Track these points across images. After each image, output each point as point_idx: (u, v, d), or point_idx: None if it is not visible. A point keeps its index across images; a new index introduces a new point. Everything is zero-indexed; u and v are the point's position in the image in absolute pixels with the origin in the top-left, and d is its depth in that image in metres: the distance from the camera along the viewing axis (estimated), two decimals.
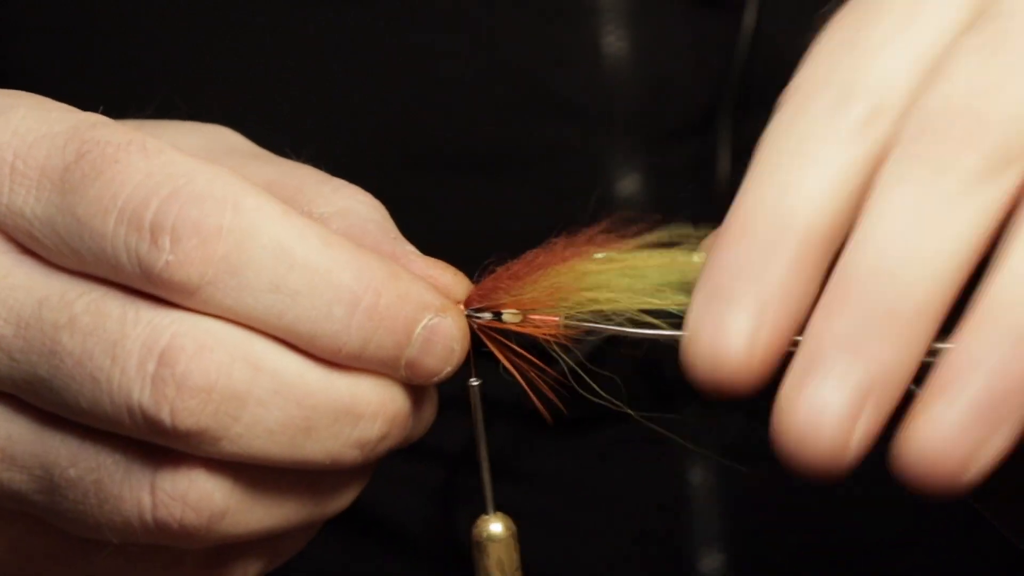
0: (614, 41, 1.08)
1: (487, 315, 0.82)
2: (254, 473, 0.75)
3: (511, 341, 0.83)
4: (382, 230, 0.82)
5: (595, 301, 0.81)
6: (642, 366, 1.08)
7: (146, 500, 0.74)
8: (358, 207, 0.83)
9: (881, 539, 1.11)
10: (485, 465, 0.83)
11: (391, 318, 0.74)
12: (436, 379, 0.77)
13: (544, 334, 0.82)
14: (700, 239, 0.81)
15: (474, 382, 0.83)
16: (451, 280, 0.81)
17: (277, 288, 0.72)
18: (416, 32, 1.09)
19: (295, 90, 1.11)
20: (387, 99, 1.10)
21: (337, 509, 0.80)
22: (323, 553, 1.15)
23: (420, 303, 0.75)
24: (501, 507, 1.08)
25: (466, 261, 0.84)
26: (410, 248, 0.82)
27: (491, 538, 0.83)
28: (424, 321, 0.75)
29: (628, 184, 1.09)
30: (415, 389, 0.78)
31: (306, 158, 1.08)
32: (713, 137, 1.07)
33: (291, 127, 1.10)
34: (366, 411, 0.75)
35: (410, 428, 0.78)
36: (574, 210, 0.86)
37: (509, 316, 0.82)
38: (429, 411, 0.80)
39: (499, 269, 0.83)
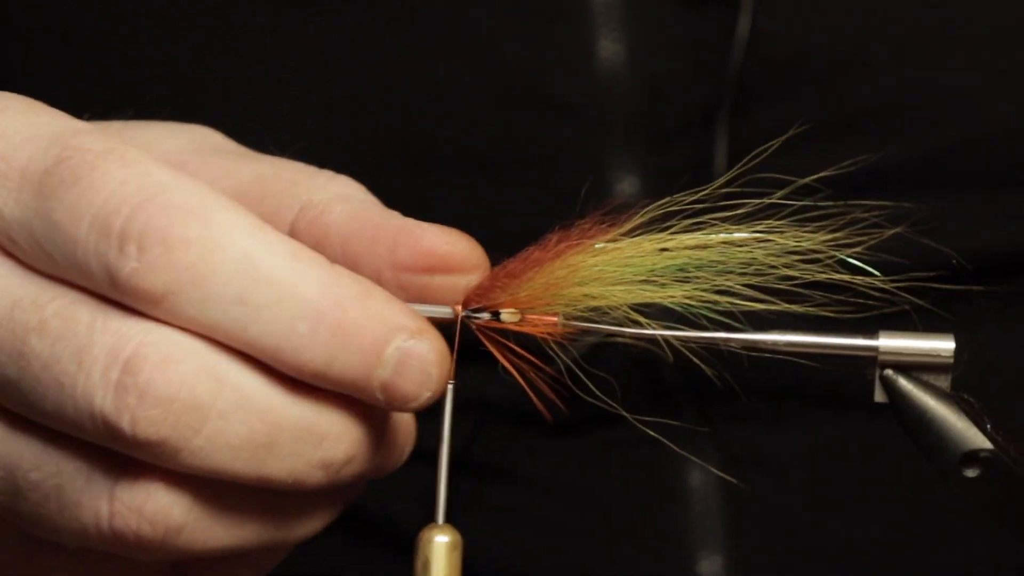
0: (609, 44, 1.08)
1: (485, 315, 0.82)
2: (215, 491, 0.75)
3: (509, 341, 0.83)
4: (383, 209, 0.82)
5: (591, 296, 0.81)
6: (639, 367, 1.09)
7: (103, 509, 0.74)
8: (355, 192, 0.83)
9: (880, 541, 1.11)
10: (444, 469, 0.82)
11: (358, 336, 0.73)
12: (415, 405, 0.75)
13: (542, 333, 0.82)
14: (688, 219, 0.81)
15: (450, 384, 0.82)
16: (466, 247, 0.81)
17: (242, 301, 0.72)
18: (414, 35, 1.09)
19: (295, 91, 1.11)
20: (386, 101, 1.10)
21: (301, 536, 0.79)
22: (318, 554, 1.15)
23: (393, 324, 0.74)
24: (496, 511, 1.08)
25: None
26: (417, 221, 0.82)
27: (431, 548, 0.81)
28: (396, 342, 0.74)
29: (626, 185, 1.09)
30: (387, 415, 0.77)
31: (301, 156, 1.09)
32: (711, 136, 1.07)
33: (291, 127, 1.10)
34: (330, 431, 0.75)
35: (381, 456, 0.78)
36: (572, 212, 0.86)
37: (507, 315, 0.82)
38: (404, 439, 0.79)
39: (495, 268, 0.83)
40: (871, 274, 0.84)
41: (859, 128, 1.07)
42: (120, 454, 0.73)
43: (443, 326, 0.81)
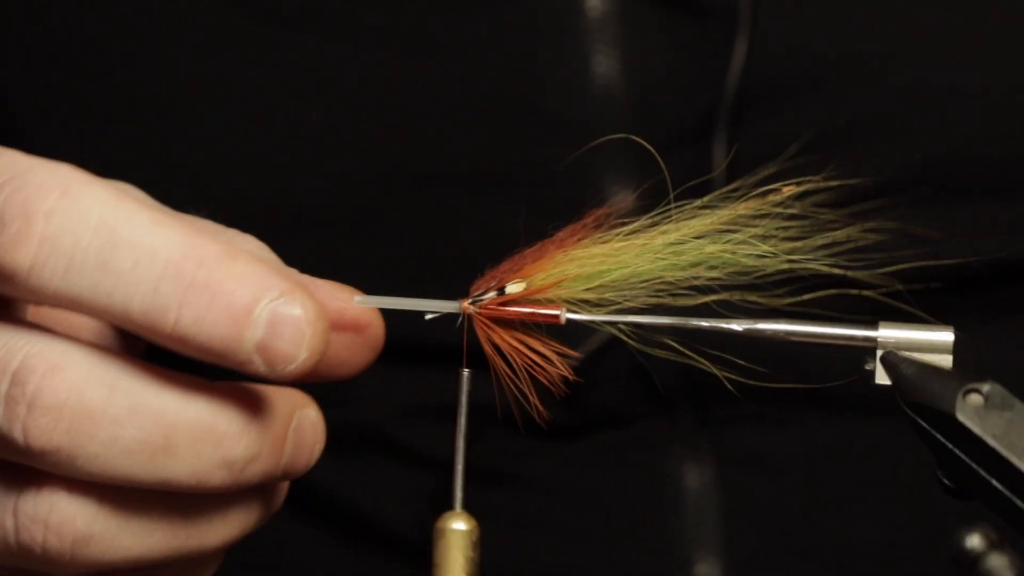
0: (604, 60, 1.09)
1: (491, 294, 0.83)
2: (121, 498, 0.75)
3: (511, 340, 0.83)
4: (280, 268, 0.83)
5: (596, 274, 0.82)
6: (637, 369, 1.09)
7: (9, 522, 0.75)
8: (256, 250, 0.84)
9: (878, 543, 1.11)
10: (461, 455, 0.82)
11: (225, 295, 0.73)
12: (293, 367, 0.74)
13: (546, 318, 0.82)
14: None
15: (465, 371, 0.82)
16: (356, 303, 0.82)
17: (104, 266, 0.72)
18: (410, 51, 1.10)
19: (293, 108, 1.12)
20: (380, 116, 1.10)
21: (216, 543, 0.79)
22: (316, 556, 1.15)
23: (260, 284, 0.74)
24: (494, 514, 1.08)
25: (460, 279, 0.85)
26: (312, 279, 0.83)
27: (451, 534, 0.82)
28: (265, 301, 0.73)
29: (621, 200, 1.09)
30: (290, 411, 0.77)
31: (302, 178, 1.10)
32: (706, 150, 1.08)
33: (289, 144, 1.11)
34: (229, 429, 0.74)
35: (288, 453, 0.77)
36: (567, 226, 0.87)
37: (513, 287, 0.82)
38: (312, 436, 0.78)
39: (500, 263, 0.83)
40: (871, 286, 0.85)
41: (858, 138, 1.08)
42: (23, 467, 0.74)
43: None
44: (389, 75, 1.10)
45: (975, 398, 0.78)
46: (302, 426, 0.77)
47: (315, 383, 0.87)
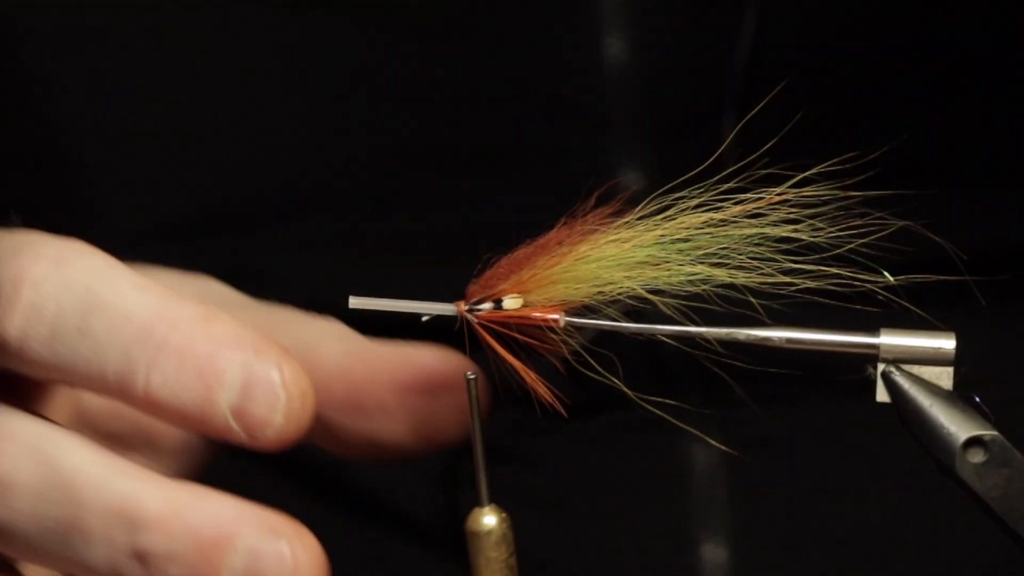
0: (615, 41, 1.09)
1: (487, 305, 0.83)
2: None
3: (510, 335, 0.83)
4: (370, 341, 0.84)
5: (594, 282, 0.82)
6: (645, 350, 1.09)
7: None
8: (338, 328, 0.85)
9: (886, 524, 1.11)
10: (481, 458, 0.82)
11: (195, 357, 0.71)
12: (271, 432, 0.72)
13: (544, 322, 0.82)
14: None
15: (471, 375, 0.82)
16: (461, 365, 0.83)
17: (82, 331, 0.72)
18: (420, 33, 1.10)
19: (303, 91, 1.12)
20: (390, 99, 1.10)
21: None
22: (321, 533, 1.16)
23: (233, 345, 0.72)
24: (501, 493, 1.09)
25: (469, 261, 0.84)
26: (412, 347, 0.84)
27: (483, 530, 0.83)
28: (238, 362, 0.72)
29: (632, 182, 1.09)
30: (244, 530, 0.72)
31: (314, 159, 1.09)
32: (717, 133, 1.07)
33: (301, 128, 1.11)
34: (146, 518, 0.71)
35: (230, 562, 0.71)
36: (578, 209, 0.87)
37: (510, 302, 0.82)
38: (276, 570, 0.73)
39: (497, 262, 0.83)
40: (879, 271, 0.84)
41: (865, 121, 1.08)
42: None
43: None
44: (399, 57, 1.10)
45: (976, 453, 0.78)
46: (260, 554, 0.72)
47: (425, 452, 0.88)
